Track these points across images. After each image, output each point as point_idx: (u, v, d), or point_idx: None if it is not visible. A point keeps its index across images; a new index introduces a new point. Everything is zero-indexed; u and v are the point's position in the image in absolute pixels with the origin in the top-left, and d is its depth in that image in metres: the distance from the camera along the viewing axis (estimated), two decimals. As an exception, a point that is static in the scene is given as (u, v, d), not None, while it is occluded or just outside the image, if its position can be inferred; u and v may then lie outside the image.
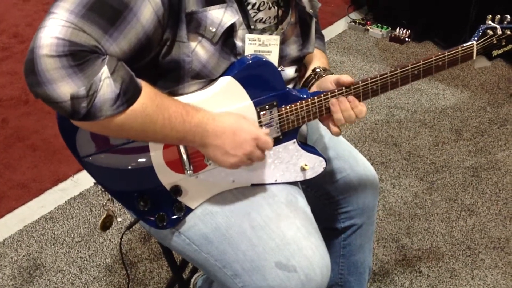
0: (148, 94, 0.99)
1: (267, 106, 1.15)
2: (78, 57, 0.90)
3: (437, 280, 1.91)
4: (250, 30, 1.12)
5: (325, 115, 1.20)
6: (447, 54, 1.21)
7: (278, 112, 1.16)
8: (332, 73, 1.27)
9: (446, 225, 2.13)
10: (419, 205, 2.22)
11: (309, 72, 1.29)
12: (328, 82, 1.22)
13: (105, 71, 0.93)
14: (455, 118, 2.76)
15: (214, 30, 1.06)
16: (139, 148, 1.11)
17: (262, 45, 1.14)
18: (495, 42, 1.27)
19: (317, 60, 1.32)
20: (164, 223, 1.17)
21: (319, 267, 1.14)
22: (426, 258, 1.99)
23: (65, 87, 0.90)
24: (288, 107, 1.16)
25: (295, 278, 1.12)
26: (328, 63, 1.34)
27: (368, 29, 3.59)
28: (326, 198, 1.43)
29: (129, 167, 1.12)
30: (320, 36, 1.39)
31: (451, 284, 1.89)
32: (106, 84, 0.93)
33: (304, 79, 1.29)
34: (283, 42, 1.19)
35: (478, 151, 2.53)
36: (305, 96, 1.18)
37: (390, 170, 2.41)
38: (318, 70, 1.28)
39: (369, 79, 1.18)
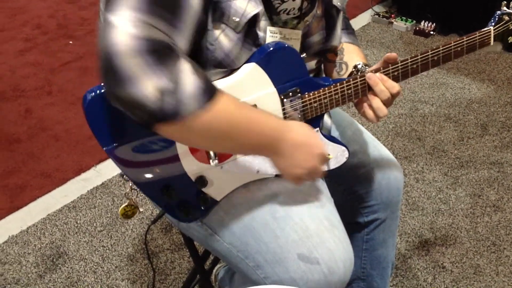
0: (227, 95, 0.98)
1: (290, 93, 1.14)
2: (158, 53, 0.88)
3: (460, 276, 1.88)
4: (273, 22, 1.11)
5: (348, 101, 1.19)
6: (465, 39, 1.20)
7: (302, 99, 1.15)
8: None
9: (471, 220, 2.10)
10: (443, 200, 2.19)
11: (351, 69, 1.28)
12: None
13: (185, 65, 0.91)
14: (480, 113, 2.71)
15: (237, 20, 1.05)
16: (165, 138, 1.10)
17: (284, 39, 1.13)
18: (511, 27, 1.26)
19: (356, 56, 1.30)
20: (190, 216, 1.17)
21: (342, 260, 1.13)
22: (449, 253, 1.96)
23: (150, 83, 0.87)
24: (311, 94, 1.16)
25: (318, 270, 1.11)
26: (365, 57, 1.32)
27: (392, 22, 3.55)
28: (350, 192, 1.42)
29: (155, 157, 1.12)
30: (352, 31, 1.38)
31: (475, 280, 1.87)
32: (190, 79, 0.90)
33: (348, 75, 1.28)
34: (307, 35, 1.18)
35: (504, 146, 2.48)
36: (327, 83, 1.17)
37: (414, 164, 2.38)
38: (360, 66, 1.27)
39: (389, 65, 1.18)
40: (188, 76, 0.90)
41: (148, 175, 1.13)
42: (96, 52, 0.90)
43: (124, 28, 0.87)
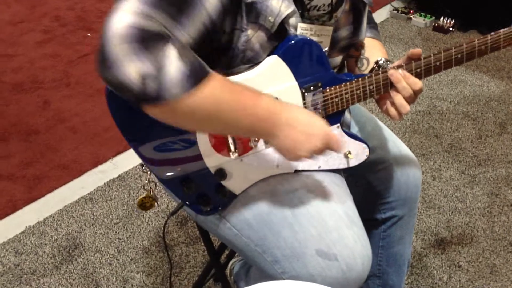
0: (217, 78, 0.99)
1: (311, 87, 1.14)
2: (147, 42, 0.91)
3: (476, 275, 1.87)
4: (304, 19, 1.11)
5: (369, 97, 1.18)
6: (489, 38, 1.19)
7: (323, 93, 1.15)
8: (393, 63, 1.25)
9: (488, 220, 2.08)
10: (460, 199, 2.18)
11: (372, 65, 1.27)
12: None
13: (171, 50, 0.93)
14: (499, 111, 2.68)
15: (272, 20, 1.05)
16: (186, 131, 1.11)
17: (314, 35, 1.13)
18: None
19: (378, 51, 1.30)
20: (208, 209, 1.17)
21: (361, 256, 1.13)
22: (466, 252, 1.95)
23: (133, 67, 0.91)
24: (332, 88, 1.15)
25: (336, 266, 1.11)
26: (386, 53, 1.32)
27: (410, 18, 3.52)
28: (368, 188, 1.41)
29: (175, 148, 1.12)
30: (374, 26, 1.37)
31: (491, 279, 1.85)
32: (174, 64, 0.93)
33: (369, 71, 1.28)
34: (335, 30, 1.17)
35: (523, 145, 2.46)
36: (349, 79, 1.16)
37: (431, 162, 2.36)
38: (381, 62, 1.26)
39: (412, 62, 1.17)
40: (172, 62, 0.92)
41: (168, 167, 1.13)
42: None
43: (123, 16, 0.91)
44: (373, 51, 1.30)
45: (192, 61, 0.95)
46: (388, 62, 1.25)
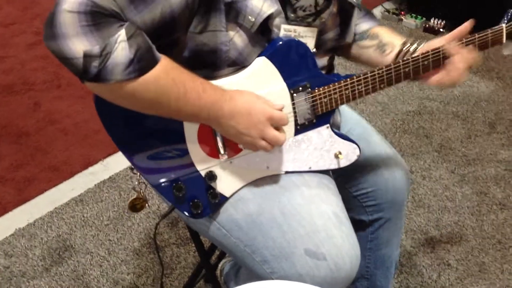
0: (165, 67, 0.99)
1: (300, 88, 1.14)
2: (97, 17, 0.91)
3: (465, 273, 1.88)
4: (289, 21, 1.11)
5: (358, 97, 1.19)
6: (477, 36, 1.20)
7: (312, 94, 1.16)
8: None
9: (477, 218, 2.10)
10: (449, 198, 2.19)
11: (398, 48, 1.26)
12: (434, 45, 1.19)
13: (122, 34, 0.93)
14: (488, 111, 2.70)
15: (253, 19, 1.05)
16: (175, 131, 1.11)
17: (298, 37, 1.13)
18: None
19: (396, 35, 1.29)
20: (199, 211, 1.17)
21: (349, 256, 1.14)
22: (455, 251, 1.96)
23: (79, 44, 0.91)
24: (321, 89, 1.16)
25: (324, 266, 1.11)
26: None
27: (401, 19, 3.54)
28: (356, 190, 1.41)
29: (164, 151, 1.12)
30: (373, 17, 1.36)
31: (480, 277, 1.87)
32: (121, 47, 0.93)
33: (396, 54, 1.27)
34: (322, 33, 1.18)
35: (512, 144, 2.48)
36: (337, 79, 1.17)
37: (421, 162, 2.38)
38: (410, 42, 1.25)
39: (400, 61, 1.17)
40: (120, 47, 0.92)
41: (157, 169, 1.13)
42: None
43: None
44: (392, 35, 1.29)
45: (141, 46, 0.95)
46: (415, 45, 1.25)
